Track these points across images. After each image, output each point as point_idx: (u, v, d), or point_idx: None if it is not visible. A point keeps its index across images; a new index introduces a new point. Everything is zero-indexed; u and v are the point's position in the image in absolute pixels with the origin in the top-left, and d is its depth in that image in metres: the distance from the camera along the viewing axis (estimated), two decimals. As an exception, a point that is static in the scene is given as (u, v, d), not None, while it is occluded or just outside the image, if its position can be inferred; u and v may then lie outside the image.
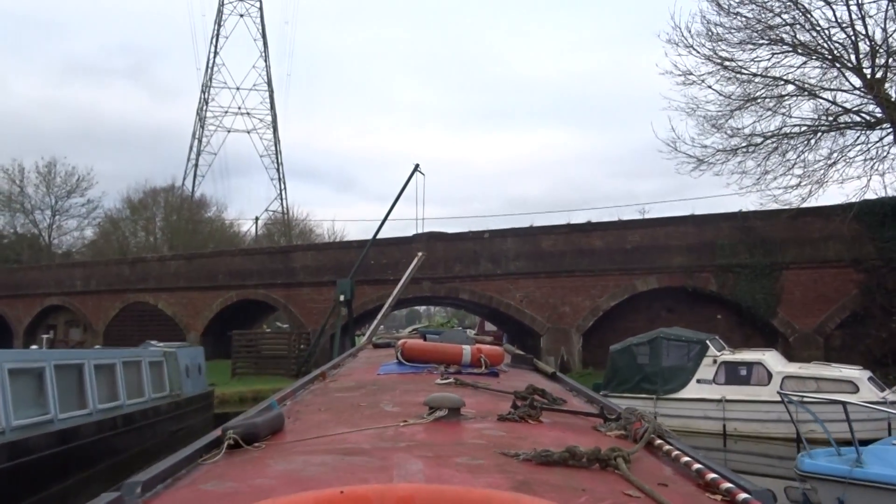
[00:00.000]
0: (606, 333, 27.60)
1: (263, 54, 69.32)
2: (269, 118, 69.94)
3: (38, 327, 43.53)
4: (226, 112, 69.24)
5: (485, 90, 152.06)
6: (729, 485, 2.02)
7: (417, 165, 29.41)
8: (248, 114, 70.05)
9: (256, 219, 59.61)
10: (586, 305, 27.43)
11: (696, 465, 2.25)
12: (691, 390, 16.81)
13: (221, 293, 35.11)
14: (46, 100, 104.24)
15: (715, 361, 16.82)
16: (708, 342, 17.25)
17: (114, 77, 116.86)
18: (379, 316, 28.71)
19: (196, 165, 66.99)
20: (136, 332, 38.19)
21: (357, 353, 7.24)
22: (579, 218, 28.85)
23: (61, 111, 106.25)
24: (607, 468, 2.12)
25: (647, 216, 30.30)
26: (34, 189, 57.18)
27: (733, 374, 16.61)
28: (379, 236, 31.04)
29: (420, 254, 30.12)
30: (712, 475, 2.13)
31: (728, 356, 16.99)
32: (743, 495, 1.93)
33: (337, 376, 5.12)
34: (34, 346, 15.46)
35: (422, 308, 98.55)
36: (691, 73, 23.34)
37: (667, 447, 2.54)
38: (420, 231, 31.53)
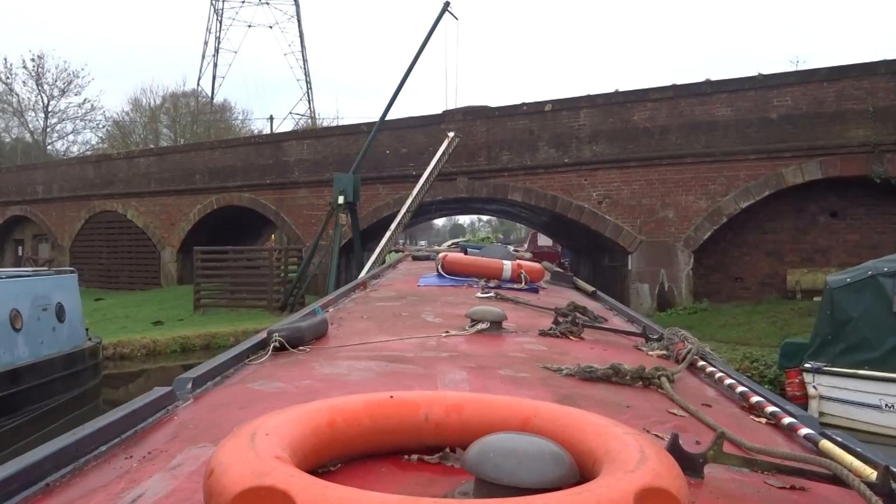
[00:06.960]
0: (729, 251, 18.51)
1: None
2: (294, 10, 60.28)
3: (5, 242, 36.57)
4: (243, 2, 59.87)
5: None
6: (774, 408, 1.92)
7: (448, 4, 20.09)
8: (267, 3, 60.69)
9: (272, 118, 50.83)
10: (700, 208, 18.19)
11: (741, 388, 2.15)
12: None
13: (199, 198, 26.96)
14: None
15: None
16: None
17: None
18: (395, 223, 19.51)
19: (215, 65, 58.13)
20: (105, 248, 30.78)
21: (396, 264, 7.29)
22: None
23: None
24: (650, 387, 2.09)
25: (801, 67, 19.73)
26: (22, 87, 50.38)
27: None
28: (401, 117, 22.15)
29: (451, 134, 21.09)
30: (757, 398, 2.03)
31: None
32: (788, 419, 1.82)
33: (377, 286, 5.09)
34: None
35: (465, 222, 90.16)
36: None
37: (710, 369, 2.44)
38: (453, 107, 22.39)
